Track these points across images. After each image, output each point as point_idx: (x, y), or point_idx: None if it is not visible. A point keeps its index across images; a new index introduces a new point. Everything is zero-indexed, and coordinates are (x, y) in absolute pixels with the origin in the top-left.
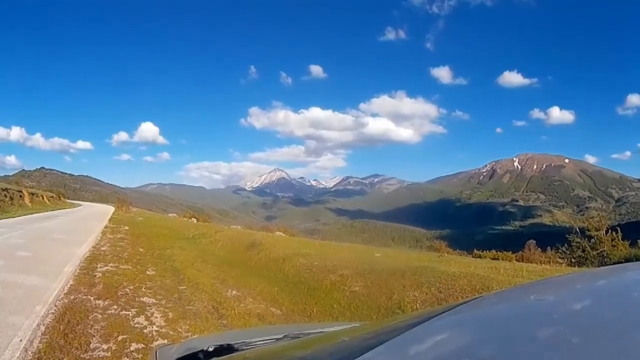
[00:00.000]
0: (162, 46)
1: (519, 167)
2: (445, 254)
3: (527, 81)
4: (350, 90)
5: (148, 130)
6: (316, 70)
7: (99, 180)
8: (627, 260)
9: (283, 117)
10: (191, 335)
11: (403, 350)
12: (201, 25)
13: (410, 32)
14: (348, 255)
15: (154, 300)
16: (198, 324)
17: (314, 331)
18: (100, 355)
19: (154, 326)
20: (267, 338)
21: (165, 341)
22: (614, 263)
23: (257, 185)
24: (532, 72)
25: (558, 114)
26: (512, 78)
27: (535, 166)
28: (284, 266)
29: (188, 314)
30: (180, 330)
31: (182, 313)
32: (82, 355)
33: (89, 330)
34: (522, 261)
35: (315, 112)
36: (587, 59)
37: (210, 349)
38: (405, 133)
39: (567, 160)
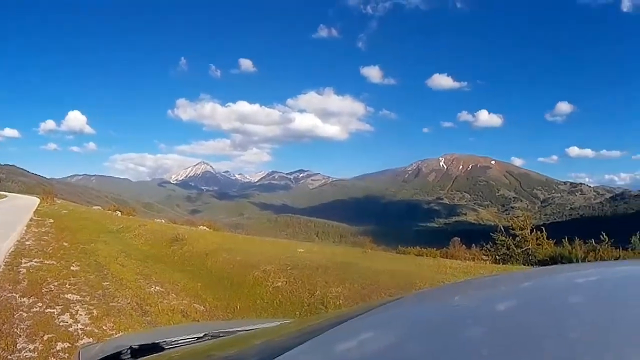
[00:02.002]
0: (92, 34)
1: (445, 167)
2: (369, 250)
3: (457, 84)
4: (278, 86)
5: (76, 119)
6: (246, 64)
7: (25, 170)
8: (552, 258)
9: (210, 110)
10: (116, 333)
11: (326, 348)
12: (132, 14)
13: (343, 31)
14: (271, 250)
15: (78, 297)
16: (122, 321)
17: (236, 329)
18: (27, 356)
19: (79, 324)
20: (189, 337)
21: (91, 340)
22: (539, 261)
23: (182, 178)
24: (463, 76)
25: (486, 117)
26: (442, 81)
27: (461, 166)
28: (207, 261)
29: (112, 311)
30: (105, 328)
31: (106, 310)
32: (9, 357)
33: (15, 330)
34: (447, 258)
35: (243, 106)
36: (519, 65)
37: (134, 348)
38: (331, 130)
39: (493, 162)
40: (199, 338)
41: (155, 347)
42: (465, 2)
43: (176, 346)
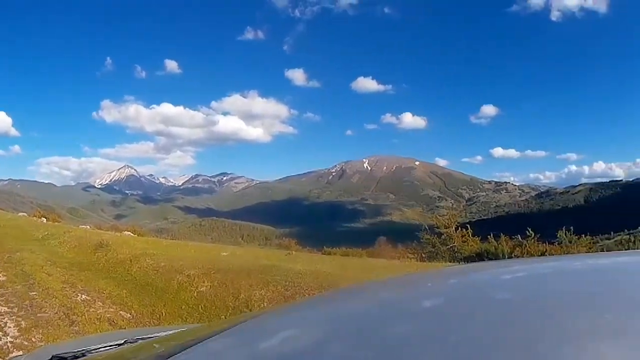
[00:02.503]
0: (16, 33)
1: (369, 168)
2: (294, 252)
3: (381, 87)
4: (203, 88)
5: (1, 121)
6: (171, 65)
7: None
8: (478, 254)
9: (134, 112)
10: (44, 345)
11: (222, 348)
12: (57, 12)
13: (269, 34)
14: (195, 254)
15: (6, 309)
16: (50, 332)
17: (156, 335)
18: None
19: (8, 337)
20: (110, 344)
21: (20, 352)
22: (465, 257)
23: (106, 182)
24: (388, 79)
25: (410, 119)
26: (367, 84)
27: (385, 167)
28: (132, 267)
29: (40, 322)
30: (33, 340)
31: (34, 321)
32: None
33: None
34: (373, 257)
35: (167, 108)
36: (444, 69)
37: (56, 357)
38: (255, 132)
39: (417, 163)
40: (119, 345)
41: (75, 356)
42: (394, 8)
43: (94, 353)
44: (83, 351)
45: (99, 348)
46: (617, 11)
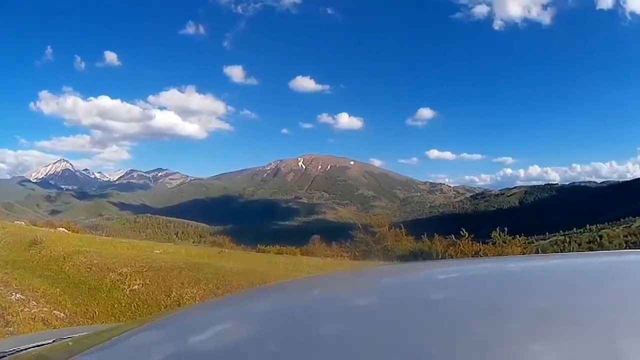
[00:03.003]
0: None
1: (304, 167)
2: (227, 250)
3: (319, 87)
4: (142, 81)
5: None
6: (111, 57)
7: None
8: (412, 253)
9: (72, 104)
10: None
11: (131, 345)
12: None
13: (210, 29)
14: (128, 252)
15: None
16: None
17: (85, 334)
18: None
19: None
20: (38, 344)
21: None
22: (399, 256)
23: (42, 176)
24: (326, 80)
25: (347, 120)
26: (305, 83)
27: (320, 166)
28: (65, 265)
29: None
30: None
31: None
32: None
33: None
34: (307, 255)
35: (104, 101)
36: (383, 72)
37: None
38: (191, 128)
39: (352, 163)
40: (48, 344)
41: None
42: (336, 9)
43: (17, 352)
44: (11, 351)
45: (27, 348)
46: (559, 23)
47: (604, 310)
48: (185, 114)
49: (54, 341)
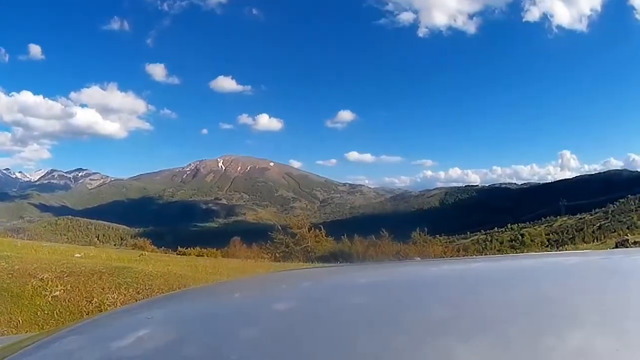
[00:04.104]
0: None
1: (223, 168)
2: (147, 253)
3: (240, 87)
4: (64, 77)
5: None
6: (35, 50)
7: None
8: (332, 254)
9: None
10: None
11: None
12: None
13: (134, 25)
14: (49, 256)
15: None
16: None
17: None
18: None
19: None
20: None
21: None
22: (319, 257)
23: None
24: (247, 80)
25: (267, 121)
26: (226, 83)
27: (239, 167)
28: None
29: None
30: None
31: None
32: None
33: None
34: (228, 257)
35: (26, 96)
36: (303, 74)
37: None
38: (111, 127)
39: (272, 164)
40: None
41: None
42: (262, 10)
43: None
44: None
45: None
46: (485, 33)
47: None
48: (106, 112)
49: None
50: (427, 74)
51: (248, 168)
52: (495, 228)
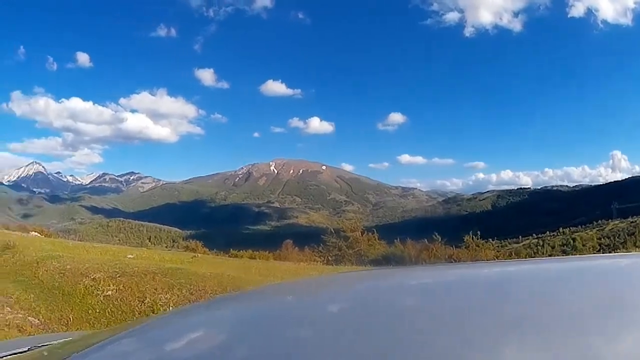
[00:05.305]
0: None
1: (276, 171)
2: (200, 255)
3: (290, 91)
4: (114, 83)
5: None
6: (83, 58)
7: None
8: (385, 257)
9: (44, 106)
10: None
11: (117, 349)
12: None
13: (181, 32)
14: (101, 257)
15: None
16: None
17: (61, 341)
18: None
19: None
20: (13, 352)
21: None
22: (372, 261)
23: (14, 179)
24: (297, 84)
25: (318, 124)
26: (276, 87)
27: (291, 171)
28: (38, 270)
29: None
30: None
31: None
32: None
33: None
34: (280, 260)
35: (76, 103)
36: (353, 76)
37: None
38: (162, 132)
39: (324, 167)
40: (22, 352)
41: None
42: (307, 14)
43: None
44: None
45: (2, 356)
46: (530, 31)
47: (590, 314)
48: (156, 117)
49: (29, 349)
50: (475, 74)
51: (300, 171)
52: (547, 232)
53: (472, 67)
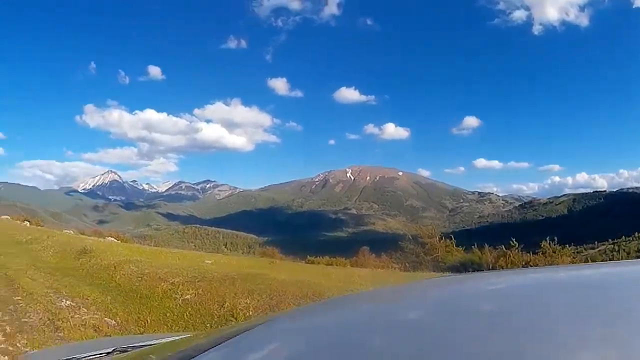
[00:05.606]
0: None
1: (352, 178)
2: (277, 261)
3: (363, 98)
4: (186, 95)
5: None
6: (155, 71)
7: None
8: (462, 264)
9: (117, 117)
10: (30, 350)
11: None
12: (41, 15)
13: (251, 43)
14: (179, 262)
15: None
16: (36, 337)
17: (146, 343)
18: None
19: None
20: (98, 352)
21: (6, 358)
22: (449, 267)
23: (89, 187)
24: (370, 90)
25: (393, 130)
26: (349, 94)
27: (368, 177)
28: (116, 274)
29: (25, 327)
30: (18, 345)
31: (19, 326)
32: None
33: None
34: (357, 266)
35: (150, 114)
36: (426, 81)
37: None
38: (238, 141)
39: (400, 173)
40: (108, 353)
41: None
42: (377, 20)
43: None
44: (75, 358)
45: (89, 356)
46: (598, 25)
47: None
48: (231, 126)
49: (114, 349)
50: (546, 73)
51: (377, 178)
52: (623, 237)
53: (543, 66)
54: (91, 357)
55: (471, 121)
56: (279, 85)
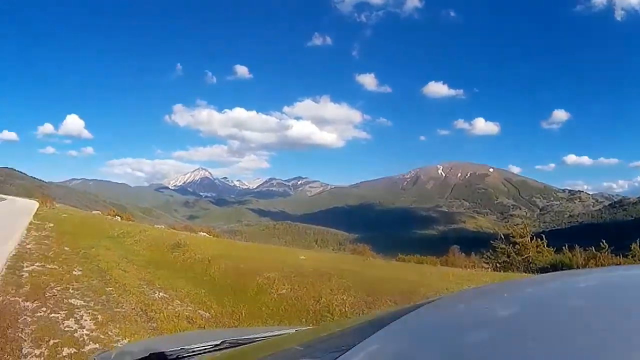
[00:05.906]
0: (90, 37)
1: (443, 175)
2: (370, 258)
3: (452, 92)
4: (274, 93)
5: (73, 123)
6: (242, 70)
7: (23, 173)
8: (553, 265)
9: (207, 116)
10: (122, 339)
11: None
12: (130, 18)
13: (337, 39)
14: (273, 257)
15: (82, 302)
16: (128, 327)
17: (254, 336)
18: None
19: (84, 330)
20: (205, 345)
21: (97, 345)
22: (540, 268)
23: (180, 183)
24: (459, 84)
25: (483, 125)
26: (438, 88)
27: (459, 174)
28: (210, 268)
29: (117, 317)
30: (110, 334)
31: (111, 315)
32: None
33: (20, 335)
34: (447, 265)
35: (239, 113)
36: (515, 74)
37: (156, 354)
38: (329, 137)
39: (491, 170)
40: (216, 345)
41: (174, 356)
42: (460, 12)
43: (198, 353)
44: (181, 351)
45: (196, 348)
46: None
47: None
48: (321, 123)
49: (222, 342)
50: (633, 61)
51: (468, 174)
52: None
53: (628, 53)
54: (200, 349)
55: (561, 114)
56: (368, 80)
